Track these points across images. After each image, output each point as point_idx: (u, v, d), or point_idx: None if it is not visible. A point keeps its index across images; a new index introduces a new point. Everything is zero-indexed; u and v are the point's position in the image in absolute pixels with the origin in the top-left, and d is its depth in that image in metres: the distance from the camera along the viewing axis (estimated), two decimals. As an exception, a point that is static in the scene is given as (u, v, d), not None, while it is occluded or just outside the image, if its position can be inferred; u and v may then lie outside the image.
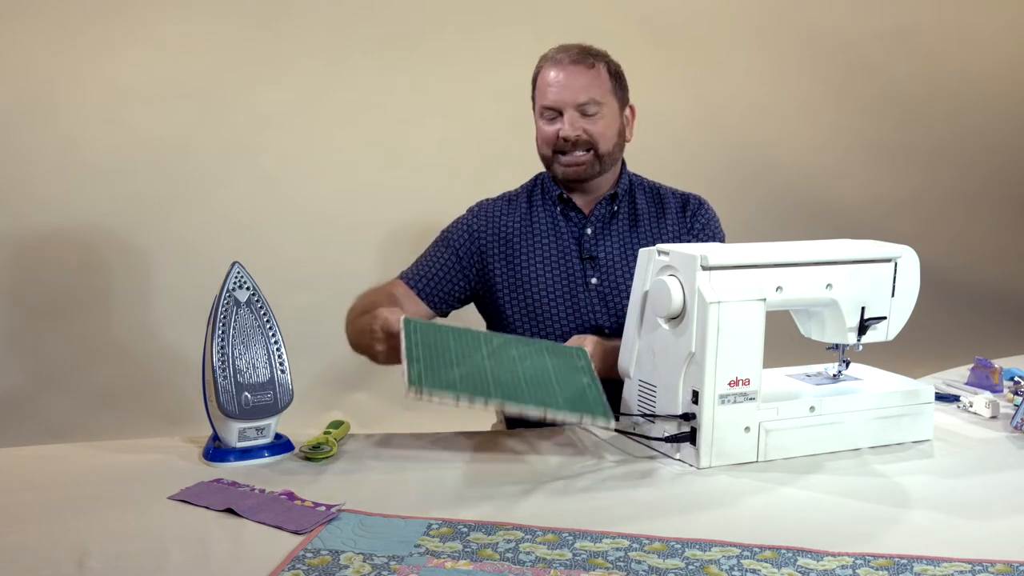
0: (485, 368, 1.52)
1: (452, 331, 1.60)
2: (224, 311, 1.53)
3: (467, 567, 1.16)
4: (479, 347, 1.58)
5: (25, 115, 3.08)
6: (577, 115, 1.96)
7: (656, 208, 2.07)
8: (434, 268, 2.04)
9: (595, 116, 1.97)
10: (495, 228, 2.05)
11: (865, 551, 1.22)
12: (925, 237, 3.23)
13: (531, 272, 2.01)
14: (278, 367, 1.56)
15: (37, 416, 3.12)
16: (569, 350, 1.68)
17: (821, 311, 1.69)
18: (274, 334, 1.57)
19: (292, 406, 1.58)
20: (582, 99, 1.96)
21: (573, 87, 1.96)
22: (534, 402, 1.48)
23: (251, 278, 1.57)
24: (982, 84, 4.26)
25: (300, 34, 3.36)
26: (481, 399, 1.44)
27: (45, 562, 1.16)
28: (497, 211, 2.08)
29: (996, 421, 1.82)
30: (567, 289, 1.99)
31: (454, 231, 2.07)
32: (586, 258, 2.01)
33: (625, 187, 2.07)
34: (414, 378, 1.41)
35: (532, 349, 1.63)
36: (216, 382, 1.50)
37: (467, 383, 1.46)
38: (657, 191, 2.11)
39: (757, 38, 3.95)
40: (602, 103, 1.98)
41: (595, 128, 1.97)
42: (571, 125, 1.96)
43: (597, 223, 2.03)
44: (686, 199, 2.10)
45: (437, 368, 1.46)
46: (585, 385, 1.57)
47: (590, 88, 1.96)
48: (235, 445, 1.53)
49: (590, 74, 1.97)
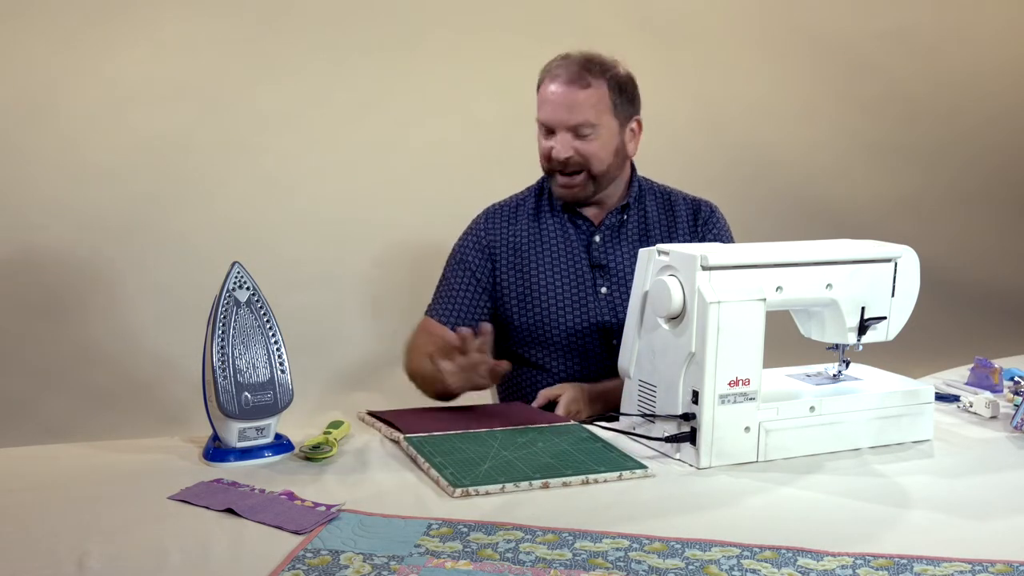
0: (508, 459, 1.52)
1: (456, 436, 1.61)
2: (224, 311, 1.53)
3: (467, 567, 1.16)
4: (488, 442, 1.59)
5: (25, 115, 3.08)
6: (569, 136, 1.91)
7: (667, 216, 2.04)
8: (458, 295, 2.01)
9: (588, 137, 1.92)
10: (505, 237, 2.02)
11: (865, 551, 1.22)
12: (925, 237, 3.23)
13: (541, 281, 1.98)
14: (278, 367, 1.56)
15: (37, 416, 3.11)
16: (566, 427, 1.69)
17: (821, 311, 1.69)
18: (274, 334, 1.56)
19: (292, 406, 1.58)
20: (573, 121, 1.91)
21: (564, 108, 1.91)
22: (574, 472, 1.47)
23: (251, 278, 1.57)
24: (982, 84, 4.25)
25: (300, 34, 3.35)
26: (525, 482, 1.43)
27: (45, 562, 1.16)
28: (506, 218, 2.05)
29: (996, 421, 1.82)
30: (577, 298, 1.97)
31: (467, 248, 2.04)
32: (595, 266, 1.99)
33: (636, 195, 2.04)
34: (454, 481, 1.41)
35: (532, 434, 1.64)
36: (216, 382, 1.50)
37: (501, 473, 1.46)
38: (668, 197, 2.07)
39: (757, 38, 3.94)
40: (596, 124, 1.92)
41: (588, 149, 1.92)
42: (562, 146, 1.92)
43: (606, 231, 2.01)
44: (697, 206, 2.06)
45: (466, 469, 1.47)
46: (603, 448, 1.58)
47: (584, 109, 1.90)
48: (235, 445, 1.53)
49: (584, 95, 1.90)
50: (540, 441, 1.60)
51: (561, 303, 1.97)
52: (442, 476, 1.43)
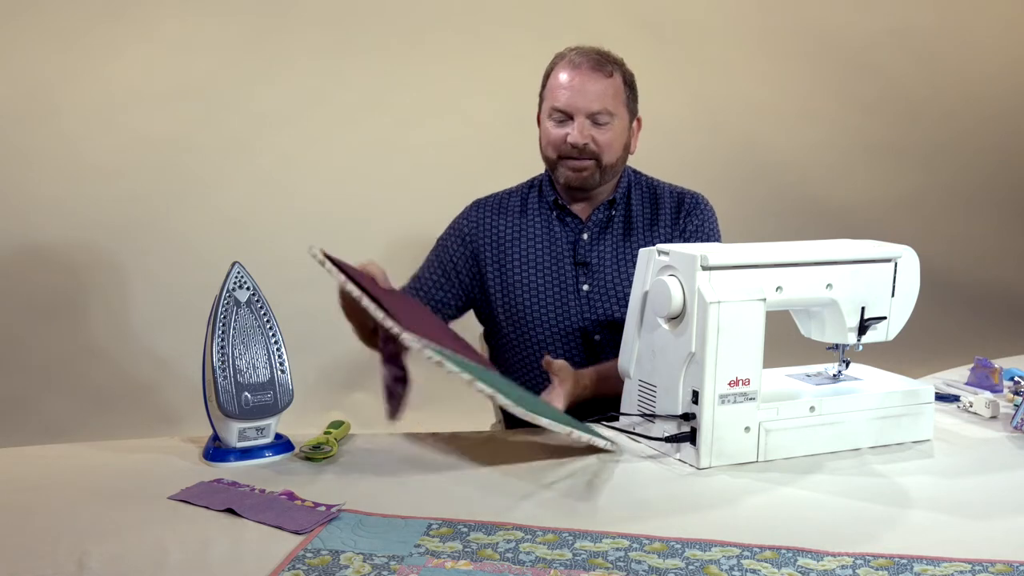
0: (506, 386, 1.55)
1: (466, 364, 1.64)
2: (224, 311, 1.53)
3: (467, 567, 1.16)
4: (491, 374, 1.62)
5: (25, 115, 3.09)
6: (588, 123, 1.91)
7: (651, 210, 2.03)
8: (432, 278, 2.02)
9: (606, 126, 1.92)
10: (489, 231, 2.03)
11: (865, 551, 1.22)
12: (925, 237, 3.23)
13: (521, 277, 1.98)
14: (278, 367, 1.56)
15: (37, 416, 3.12)
16: None
17: (821, 311, 1.69)
18: (274, 334, 1.57)
19: (292, 406, 1.58)
20: (595, 107, 1.91)
21: (588, 94, 1.91)
22: (550, 417, 1.51)
23: (251, 278, 1.57)
24: (982, 84, 4.26)
25: (300, 34, 3.36)
26: (505, 400, 1.46)
27: (45, 562, 1.16)
28: (490, 213, 2.05)
29: (996, 421, 1.82)
30: (557, 295, 1.97)
31: (448, 238, 2.05)
32: (579, 264, 1.98)
33: (623, 190, 2.03)
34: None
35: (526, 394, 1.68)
36: (216, 382, 1.50)
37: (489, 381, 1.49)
38: (654, 190, 2.06)
39: (757, 38, 3.95)
40: (614, 114, 1.93)
41: (604, 138, 1.92)
42: (580, 132, 1.91)
43: (594, 228, 2.00)
44: (681, 199, 2.05)
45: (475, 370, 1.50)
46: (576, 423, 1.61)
47: (605, 97, 1.91)
48: (235, 445, 1.53)
49: (607, 83, 1.92)
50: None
51: (541, 300, 1.97)
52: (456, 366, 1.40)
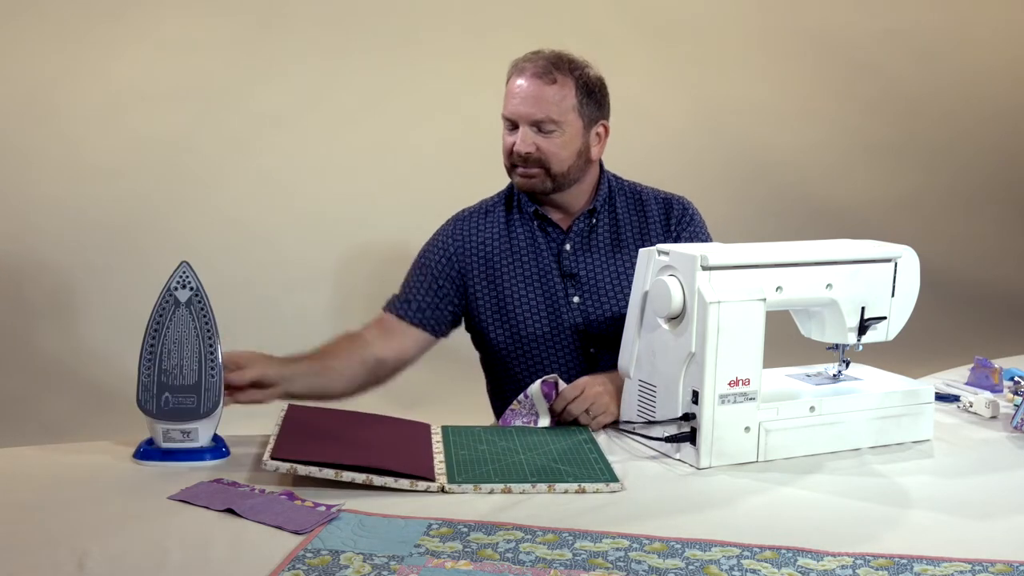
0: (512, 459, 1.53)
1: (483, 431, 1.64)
2: (161, 309, 1.50)
3: (467, 567, 1.16)
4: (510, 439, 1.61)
5: (25, 115, 3.09)
6: (531, 131, 1.86)
7: (639, 218, 1.97)
8: (419, 295, 1.94)
9: (551, 135, 1.86)
10: (474, 247, 1.95)
11: (865, 551, 1.22)
12: (925, 237, 3.23)
13: (513, 292, 1.92)
14: (208, 372, 1.52)
15: (37, 416, 3.11)
16: (568, 430, 1.68)
17: (821, 311, 1.69)
18: (211, 338, 1.52)
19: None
20: (539, 116, 1.85)
21: (530, 102, 1.85)
22: (538, 479, 1.45)
23: (198, 279, 1.52)
24: (982, 84, 4.26)
25: (300, 34, 3.36)
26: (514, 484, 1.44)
27: (45, 562, 1.16)
28: (474, 227, 1.98)
29: (996, 421, 1.82)
30: (549, 308, 1.91)
31: (431, 256, 1.97)
32: (566, 275, 1.92)
33: (604, 198, 1.97)
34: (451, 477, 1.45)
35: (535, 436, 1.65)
36: (139, 378, 1.50)
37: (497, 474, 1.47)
38: (638, 196, 2.00)
39: (757, 38, 3.95)
40: (560, 122, 1.85)
41: (549, 146, 1.86)
42: (523, 141, 1.86)
43: (576, 238, 1.94)
44: (669, 204, 1.99)
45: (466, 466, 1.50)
46: (590, 453, 1.56)
47: (548, 105, 1.85)
48: (161, 445, 1.51)
49: (550, 91, 1.85)
50: (552, 442, 1.60)
51: (534, 314, 1.92)
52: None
